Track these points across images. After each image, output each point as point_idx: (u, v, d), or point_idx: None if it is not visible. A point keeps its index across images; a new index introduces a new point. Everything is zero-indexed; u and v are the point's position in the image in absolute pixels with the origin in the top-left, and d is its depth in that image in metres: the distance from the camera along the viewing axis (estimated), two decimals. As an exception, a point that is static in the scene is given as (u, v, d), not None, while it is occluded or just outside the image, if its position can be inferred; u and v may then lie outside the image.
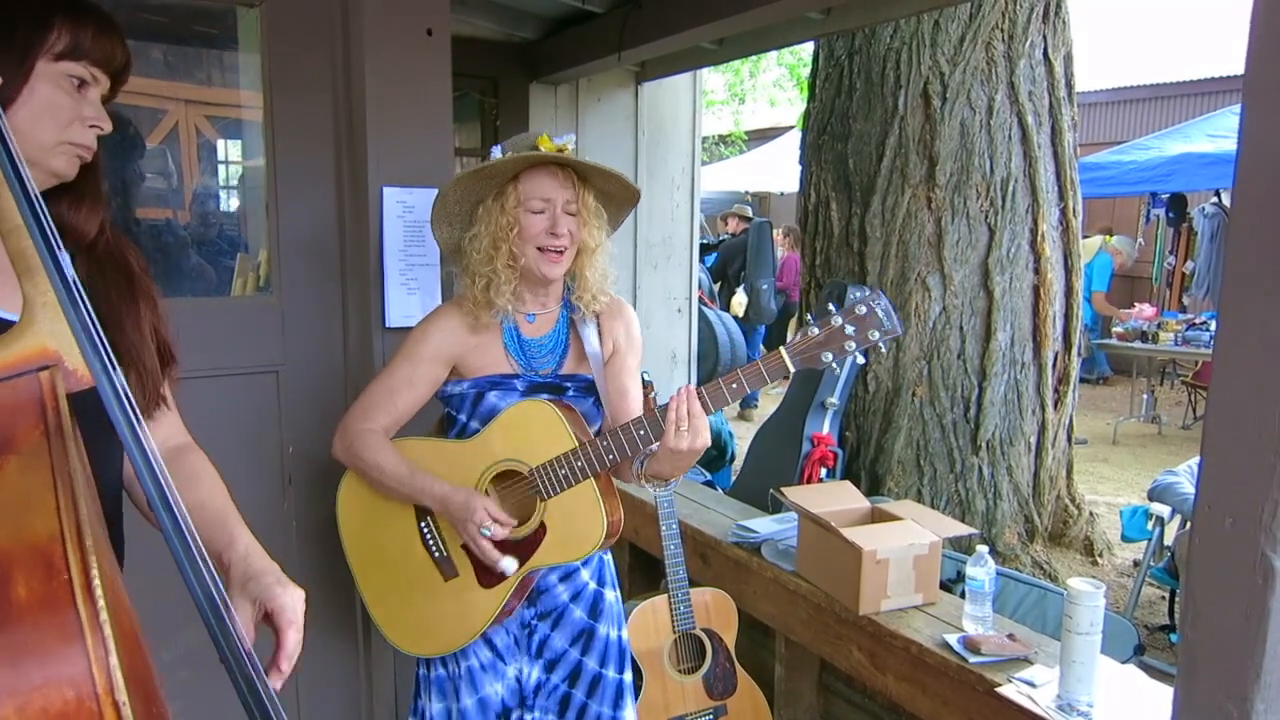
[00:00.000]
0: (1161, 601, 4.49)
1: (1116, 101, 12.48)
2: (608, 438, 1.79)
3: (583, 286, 1.94)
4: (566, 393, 1.96)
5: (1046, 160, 4.56)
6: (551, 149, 1.84)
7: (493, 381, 1.94)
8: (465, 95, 4.36)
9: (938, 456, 4.58)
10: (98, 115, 1.22)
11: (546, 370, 1.97)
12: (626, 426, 1.78)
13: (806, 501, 2.73)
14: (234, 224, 3.48)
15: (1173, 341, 7.86)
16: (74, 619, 0.76)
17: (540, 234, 1.84)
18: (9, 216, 0.94)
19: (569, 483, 1.83)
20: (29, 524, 0.79)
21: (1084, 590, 1.99)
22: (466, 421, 1.97)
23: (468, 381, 1.95)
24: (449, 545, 1.97)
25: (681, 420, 1.70)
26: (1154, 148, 8.80)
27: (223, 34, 2.87)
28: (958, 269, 4.48)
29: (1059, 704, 2.01)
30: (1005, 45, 4.43)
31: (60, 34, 1.16)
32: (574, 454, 1.81)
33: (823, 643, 2.67)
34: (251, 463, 2.48)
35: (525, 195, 1.85)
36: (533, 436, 1.86)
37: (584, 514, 1.86)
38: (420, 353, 1.95)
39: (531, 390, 1.94)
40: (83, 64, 1.19)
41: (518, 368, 1.95)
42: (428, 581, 1.98)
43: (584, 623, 2.05)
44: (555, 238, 1.85)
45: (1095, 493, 6.26)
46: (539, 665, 2.04)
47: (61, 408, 0.93)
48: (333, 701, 2.70)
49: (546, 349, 1.98)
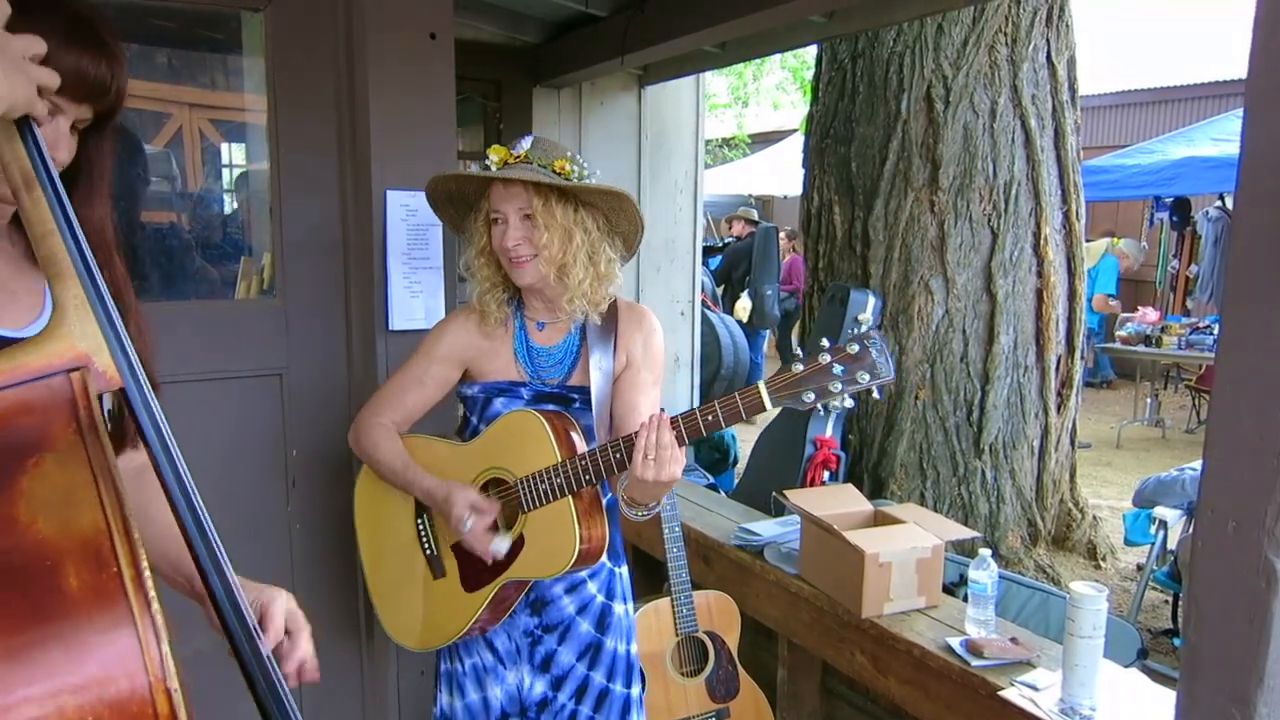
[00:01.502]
0: (1165, 606, 4.48)
1: (1120, 105, 12.47)
2: (585, 458, 1.75)
3: (572, 290, 1.88)
4: (573, 404, 1.92)
5: (1050, 164, 4.56)
6: (504, 157, 1.83)
7: (500, 388, 1.94)
8: (468, 99, 4.36)
9: (940, 460, 4.58)
10: (53, 146, 1.12)
11: (554, 380, 1.94)
12: (605, 448, 1.74)
13: (809, 504, 2.73)
14: (237, 227, 3.49)
15: (1176, 345, 7.84)
16: (125, 609, 0.79)
17: (498, 244, 1.87)
18: (42, 221, 0.96)
19: (549, 498, 1.80)
20: (75, 518, 0.81)
21: (1086, 594, 1.98)
22: (476, 424, 1.99)
23: (478, 385, 1.97)
24: (440, 544, 2.01)
25: (650, 449, 1.61)
26: (1158, 151, 8.79)
27: (227, 38, 2.87)
28: (960, 272, 4.48)
29: (1062, 708, 2.01)
30: (1008, 49, 4.43)
31: None
32: (554, 470, 1.78)
33: (825, 646, 2.67)
34: (255, 465, 2.49)
35: (488, 208, 1.88)
36: (520, 447, 1.85)
37: (559, 531, 1.81)
38: (433, 352, 2.00)
39: (536, 400, 1.92)
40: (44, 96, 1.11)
41: (525, 375, 1.94)
42: (420, 578, 2.04)
43: (591, 636, 2.02)
44: (507, 248, 1.85)
45: (1098, 496, 6.25)
46: (544, 680, 2.02)
47: (93, 407, 0.95)
48: (335, 702, 2.70)
49: (555, 358, 1.96)
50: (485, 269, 1.92)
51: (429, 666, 2.64)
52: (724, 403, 1.61)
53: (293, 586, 2.67)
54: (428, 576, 2.02)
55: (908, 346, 4.53)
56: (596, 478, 1.76)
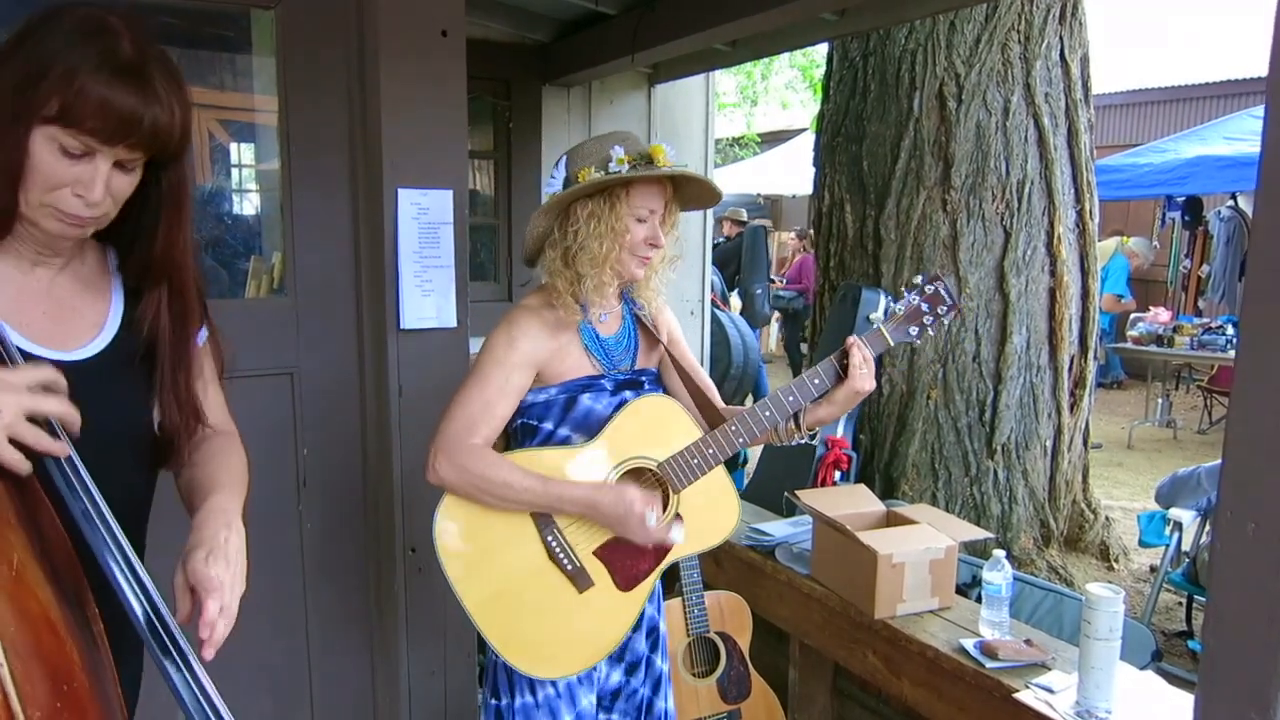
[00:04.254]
0: (1179, 607, 4.45)
1: (1132, 104, 12.40)
2: (736, 423, 1.89)
3: (648, 285, 2.00)
4: (643, 387, 1.99)
5: (1063, 162, 4.53)
6: (667, 163, 1.87)
7: (582, 384, 1.92)
8: (478, 98, 4.35)
9: (952, 460, 4.56)
10: (85, 186, 1.15)
11: (625, 367, 1.99)
12: (765, 403, 1.89)
13: (821, 504, 2.72)
14: (247, 227, 3.50)
15: (1188, 345, 7.80)
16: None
17: (640, 242, 1.89)
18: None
19: (701, 471, 1.88)
20: None
21: (1103, 596, 1.97)
22: (554, 430, 1.92)
23: (555, 387, 1.91)
24: (580, 555, 1.88)
25: (864, 363, 1.89)
26: (1170, 150, 8.74)
27: (237, 37, 2.87)
28: (973, 271, 4.46)
29: (1077, 710, 1.99)
30: (1021, 47, 4.40)
31: (51, 100, 1.10)
32: (704, 442, 1.88)
33: (837, 647, 2.65)
34: (265, 464, 2.47)
35: (635, 204, 1.87)
36: (656, 430, 1.91)
37: (720, 500, 1.96)
38: (512, 359, 1.88)
39: (619, 388, 1.95)
40: (72, 133, 1.12)
41: (600, 368, 1.95)
42: (564, 598, 1.88)
43: (653, 619, 2.10)
44: (654, 247, 1.91)
45: (1110, 497, 6.22)
46: (620, 668, 2.06)
47: None
48: (345, 699, 2.70)
49: (622, 346, 2.00)
50: (611, 262, 1.88)
51: (439, 666, 2.64)
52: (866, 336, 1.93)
53: (303, 586, 2.68)
54: (572, 593, 1.88)
55: (919, 346, 4.51)
56: (750, 438, 1.90)
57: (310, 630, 2.62)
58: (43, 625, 0.96)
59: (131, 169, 1.20)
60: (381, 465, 2.56)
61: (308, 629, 2.61)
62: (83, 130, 1.12)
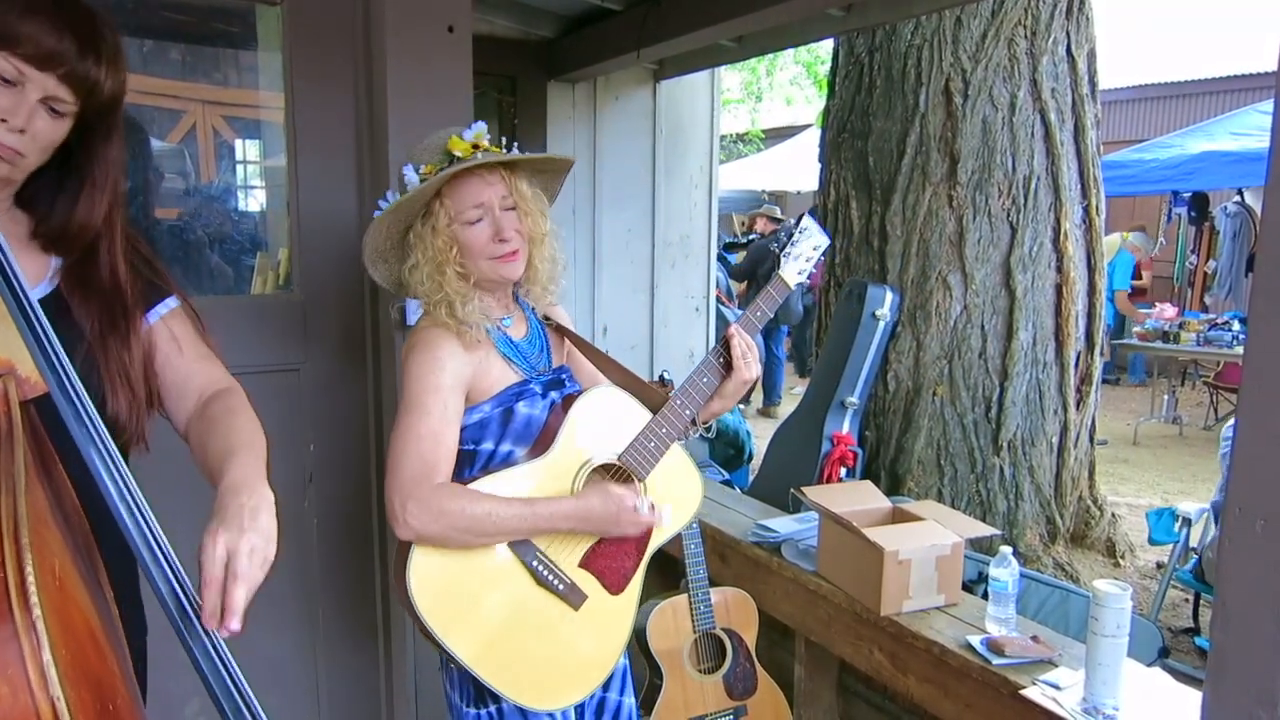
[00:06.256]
0: (1185, 604, 4.44)
1: (1138, 99, 12.39)
2: (680, 396, 1.86)
3: (532, 279, 1.83)
4: (564, 385, 1.90)
5: (1069, 158, 4.52)
6: (467, 150, 1.71)
7: (514, 393, 1.80)
8: (483, 93, 4.36)
9: (958, 456, 4.55)
10: (9, 111, 1.16)
11: (544, 367, 1.88)
12: (693, 378, 1.87)
13: (827, 501, 2.72)
14: (252, 223, 3.50)
15: (1194, 341, 7.78)
16: (6, 613, 0.80)
17: (486, 243, 1.72)
18: None
19: (659, 454, 1.84)
20: None
21: (1111, 592, 1.96)
22: (494, 448, 1.78)
23: (489, 402, 1.77)
24: (567, 570, 1.78)
25: (747, 351, 1.87)
26: (1176, 146, 8.73)
27: (242, 33, 2.88)
28: (979, 268, 4.45)
29: (1084, 707, 1.99)
30: (1028, 42, 4.39)
31: None
32: (655, 423, 1.84)
33: (843, 643, 2.65)
34: (272, 460, 2.48)
35: (456, 210, 1.72)
36: (607, 424, 1.83)
37: (681, 477, 1.92)
38: (444, 381, 1.71)
39: (546, 389, 1.85)
40: (4, 55, 1.14)
41: (523, 373, 1.83)
42: (561, 621, 1.78)
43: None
44: (503, 242, 1.73)
45: (1116, 494, 6.22)
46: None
47: (13, 413, 0.97)
48: (353, 694, 2.71)
49: (536, 347, 1.89)
50: (455, 281, 1.73)
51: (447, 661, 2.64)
52: (762, 296, 1.93)
53: (311, 581, 2.68)
54: (569, 613, 1.78)
55: (925, 342, 4.51)
56: (696, 408, 1.88)
57: (318, 625, 2.62)
58: (87, 640, 0.92)
59: (60, 115, 1.21)
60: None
61: (316, 624, 2.62)
62: (14, 53, 1.14)
